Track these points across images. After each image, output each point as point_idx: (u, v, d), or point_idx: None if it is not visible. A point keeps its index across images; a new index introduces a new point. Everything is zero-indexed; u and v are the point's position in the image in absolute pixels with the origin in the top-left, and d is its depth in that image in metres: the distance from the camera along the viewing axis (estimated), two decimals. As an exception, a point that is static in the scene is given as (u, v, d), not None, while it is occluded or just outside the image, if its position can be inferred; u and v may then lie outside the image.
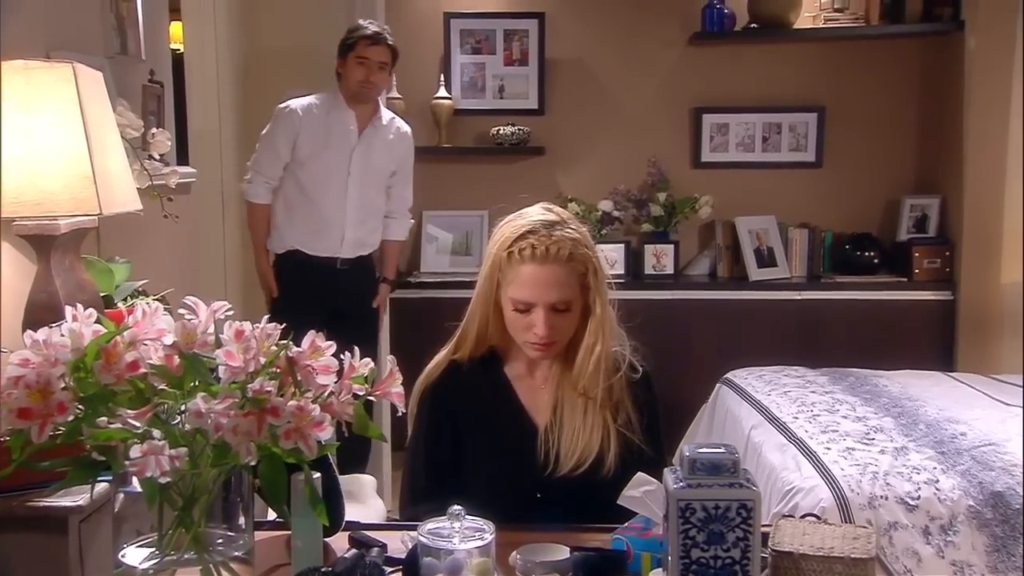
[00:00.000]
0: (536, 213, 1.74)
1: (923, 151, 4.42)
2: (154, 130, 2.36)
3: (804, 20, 4.20)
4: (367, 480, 3.19)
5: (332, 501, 1.44)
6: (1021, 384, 3.34)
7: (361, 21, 3.41)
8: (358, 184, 3.43)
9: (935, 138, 4.34)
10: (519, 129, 4.29)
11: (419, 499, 1.76)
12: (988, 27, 3.98)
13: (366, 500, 2.95)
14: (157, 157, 2.37)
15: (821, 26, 4.20)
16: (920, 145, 4.43)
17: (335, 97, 3.44)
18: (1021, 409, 2.98)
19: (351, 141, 3.42)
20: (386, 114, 3.52)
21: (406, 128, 3.57)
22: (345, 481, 1.95)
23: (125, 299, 2.08)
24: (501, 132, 4.29)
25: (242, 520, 1.29)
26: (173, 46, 3.24)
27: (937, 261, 4.21)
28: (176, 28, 3.49)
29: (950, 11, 4.14)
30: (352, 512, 1.62)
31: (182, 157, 3.20)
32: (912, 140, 4.43)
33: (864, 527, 1.27)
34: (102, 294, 1.98)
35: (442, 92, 4.32)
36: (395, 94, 4.19)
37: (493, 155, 4.34)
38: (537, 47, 4.34)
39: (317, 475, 1.36)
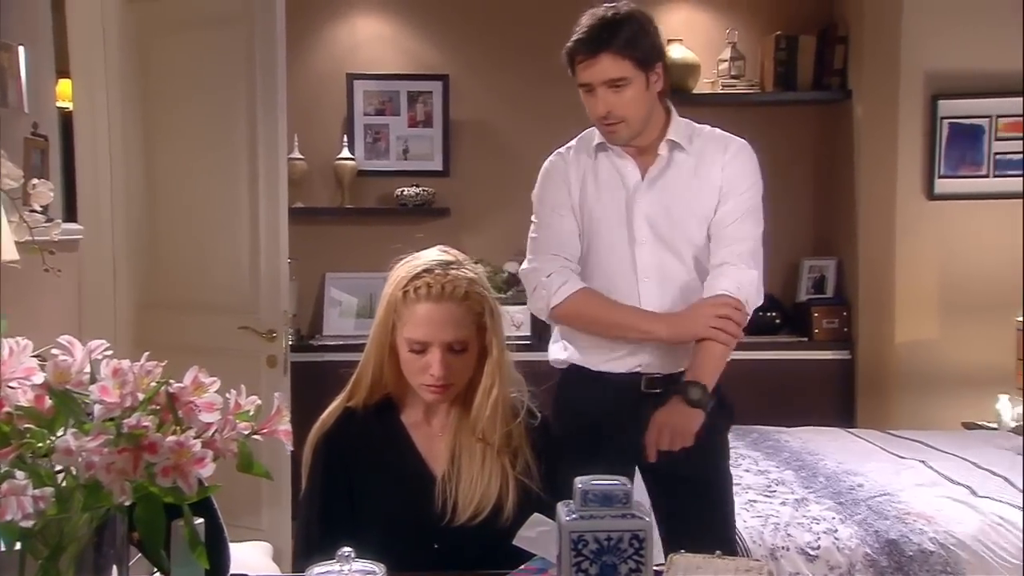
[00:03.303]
0: (432, 254, 1.75)
1: (819, 214, 4.57)
2: (35, 181, 2.28)
3: (703, 85, 4.34)
4: (263, 547, 3.08)
5: (216, 548, 1.37)
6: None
7: (585, 16, 2.19)
8: (651, 251, 2.22)
9: (830, 201, 4.50)
10: (423, 190, 4.30)
11: (313, 551, 1.69)
12: (873, 96, 4.18)
13: (261, 568, 2.85)
14: (39, 209, 2.29)
15: (719, 92, 4.35)
16: (816, 208, 4.58)
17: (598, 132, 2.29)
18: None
19: (629, 190, 2.24)
20: (685, 130, 2.26)
21: (731, 139, 2.27)
22: (238, 548, 1.87)
23: None
24: (405, 193, 4.29)
25: (115, 573, 1.22)
26: (62, 104, 3.17)
27: (835, 321, 4.32)
28: (65, 86, 3.41)
29: (838, 80, 4.35)
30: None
31: (70, 215, 3.12)
32: (809, 203, 4.58)
33: (757, 560, 1.26)
34: (-25, 347, 1.88)
35: (345, 153, 4.31)
36: (296, 155, 4.16)
37: (397, 216, 4.33)
38: (441, 109, 4.38)
39: (200, 520, 1.29)
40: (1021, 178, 4.02)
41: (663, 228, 2.22)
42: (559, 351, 2.32)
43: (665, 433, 2.04)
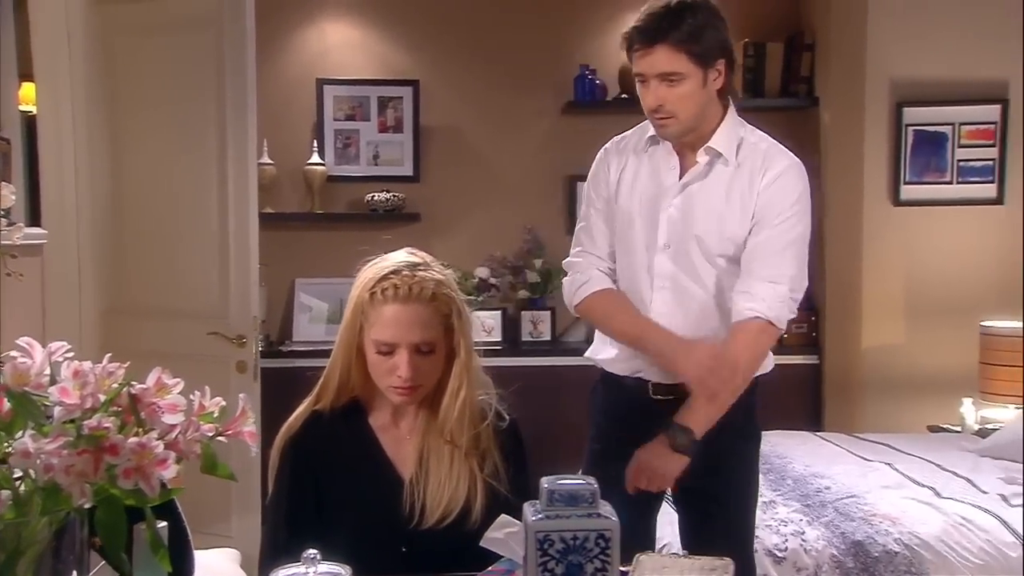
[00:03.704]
0: (400, 256, 1.75)
1: (786, 220, 4.60)
2: (-6, 183, 2.25)
3: (671, 93, 4.37)
4: (231, 554, 3.05)
5: (180, 552, 1.36)
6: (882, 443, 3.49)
7: (649, 2, 2.05)
8: (669, 259, 2.11)
9: (796, 208, 4.53)
10: (394, 196, 4.30)
11: (280, 555, 1.67)
12: (839, 102, 4.23)
13: (229, 575, 2.82)
14: (0, 212, 2.26)
15: (687, 99, 4.37)
16: (783, 214, 4.61)
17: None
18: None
19: (666, 192, 2.13)
20: (734, 137, 2.11)
21: (778, 158, 2.11)
22: (206, 555, 1.86)
23: (-39, 358, 1.95)
24: (375, 198, 4.28)
25: (76, 577, 1.21)
26: (25, 108, 3.13)
27: (804, 326, 4.35)
28: (29, 90, 3.37)
29: (805, 88, 4.39)
30: None
31: (34, 219, 3.08)
32: (775, 209, 4.61)
33: (721, 560, 1.27)
34: (-68, 351, 1.85)
35: (315, 158, 4.29)
36: (266, 160, 4.14)
37: (367, 222, 4.32)
38: (411, 114, 4.38)
39: (163, 524, 1.28)
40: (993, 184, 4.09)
41: (682, 238, 2.10)
42: (590, 350, 2.30)
43: (643, 475, 2.01)
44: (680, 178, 2.12)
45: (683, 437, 1.99)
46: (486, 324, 4.29)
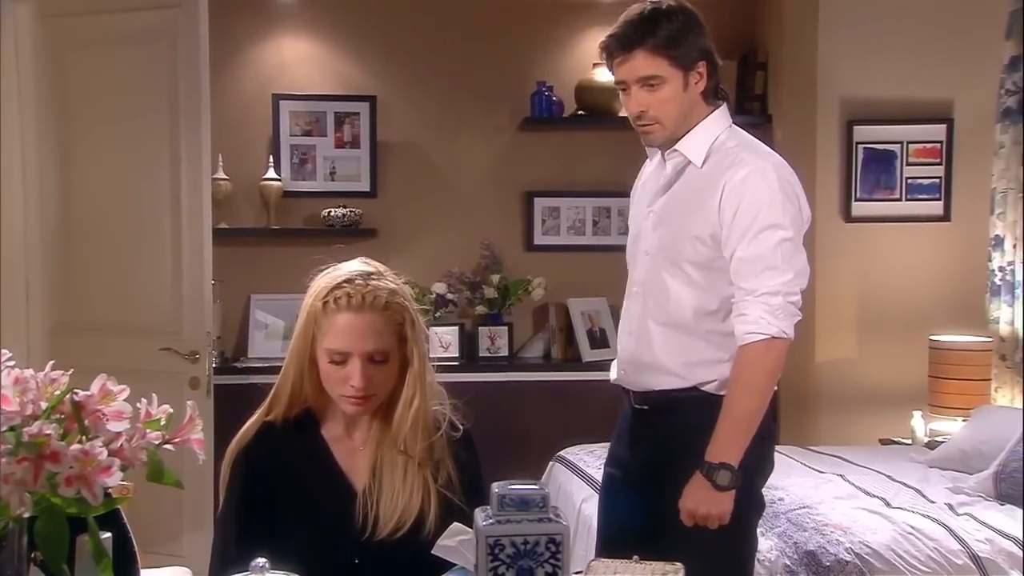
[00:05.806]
0: (353, 265, 1.75)
1: (740, 236, 4.66)
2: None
3: (628, 110, 4.41)
4: (182, 572, 3.00)
5: (125, 564, 1.34)
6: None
7: (625, 12, 2.07)
8: (648, 266, 2.11)
9: (750, 224, 4.58)
10: (351, 211, 4.28)
11: (229, 567, 1.66)
12: (791, 120, 4.30)
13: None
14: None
15: (643, 115, 4.42)
16: (737, 231, 4.66)
17: None
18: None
19: (650, 199, 2.15)
20: (705, 141, 2.05)
21: (745, 161, 2.00)
22: (155, 573, 1.83)
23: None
24: (332, 214, 4.26)
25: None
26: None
27: (758, 341, 4.39)
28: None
29: (758, 106, 4.46)
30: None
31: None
32: (729, 226, 4.66)
33: (673, 564, 1.28)
34: None
35: (271, 173, 4.27)
36: (221, 175, 4.11)
37: (324, 237, 4.29)
38: (369, 130, 4.37)
39: (107, 535, 1.26)
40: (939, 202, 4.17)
41: (658, 244, 2.08)
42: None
43: (699, 520, 1.97)
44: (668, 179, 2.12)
45: (724, 476, 1.95)
46: (443, 340, 4.28)
